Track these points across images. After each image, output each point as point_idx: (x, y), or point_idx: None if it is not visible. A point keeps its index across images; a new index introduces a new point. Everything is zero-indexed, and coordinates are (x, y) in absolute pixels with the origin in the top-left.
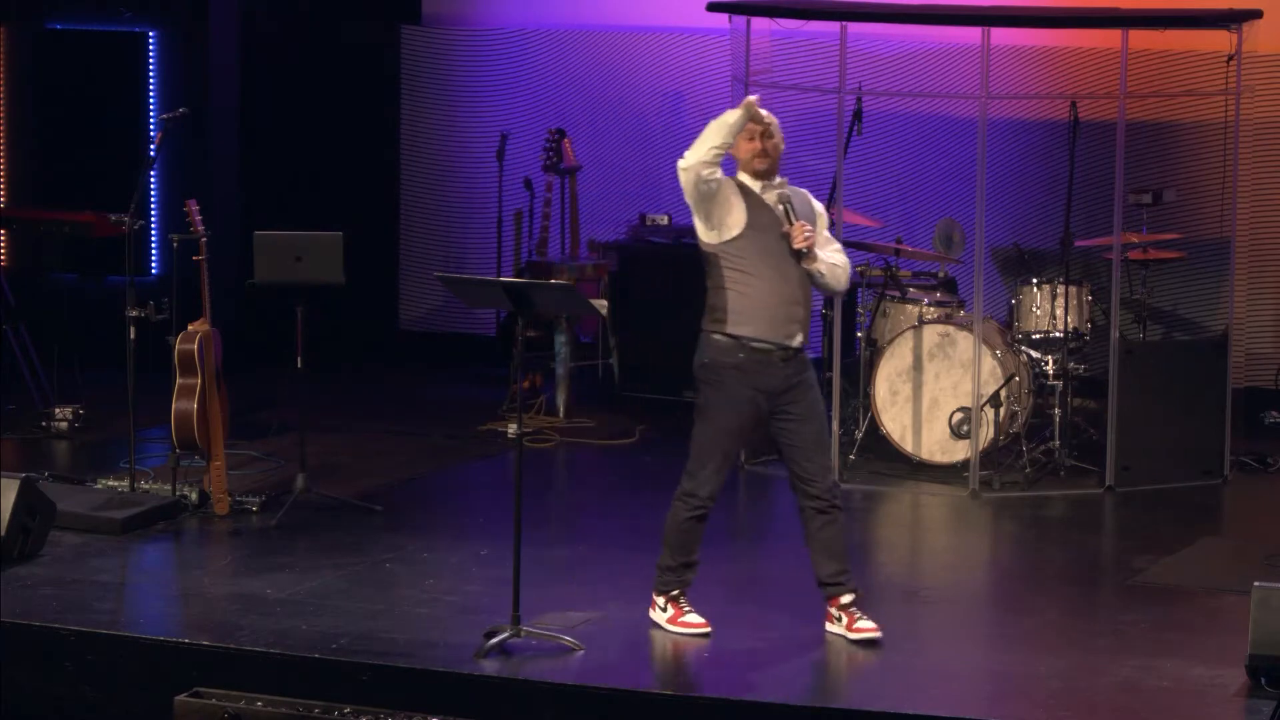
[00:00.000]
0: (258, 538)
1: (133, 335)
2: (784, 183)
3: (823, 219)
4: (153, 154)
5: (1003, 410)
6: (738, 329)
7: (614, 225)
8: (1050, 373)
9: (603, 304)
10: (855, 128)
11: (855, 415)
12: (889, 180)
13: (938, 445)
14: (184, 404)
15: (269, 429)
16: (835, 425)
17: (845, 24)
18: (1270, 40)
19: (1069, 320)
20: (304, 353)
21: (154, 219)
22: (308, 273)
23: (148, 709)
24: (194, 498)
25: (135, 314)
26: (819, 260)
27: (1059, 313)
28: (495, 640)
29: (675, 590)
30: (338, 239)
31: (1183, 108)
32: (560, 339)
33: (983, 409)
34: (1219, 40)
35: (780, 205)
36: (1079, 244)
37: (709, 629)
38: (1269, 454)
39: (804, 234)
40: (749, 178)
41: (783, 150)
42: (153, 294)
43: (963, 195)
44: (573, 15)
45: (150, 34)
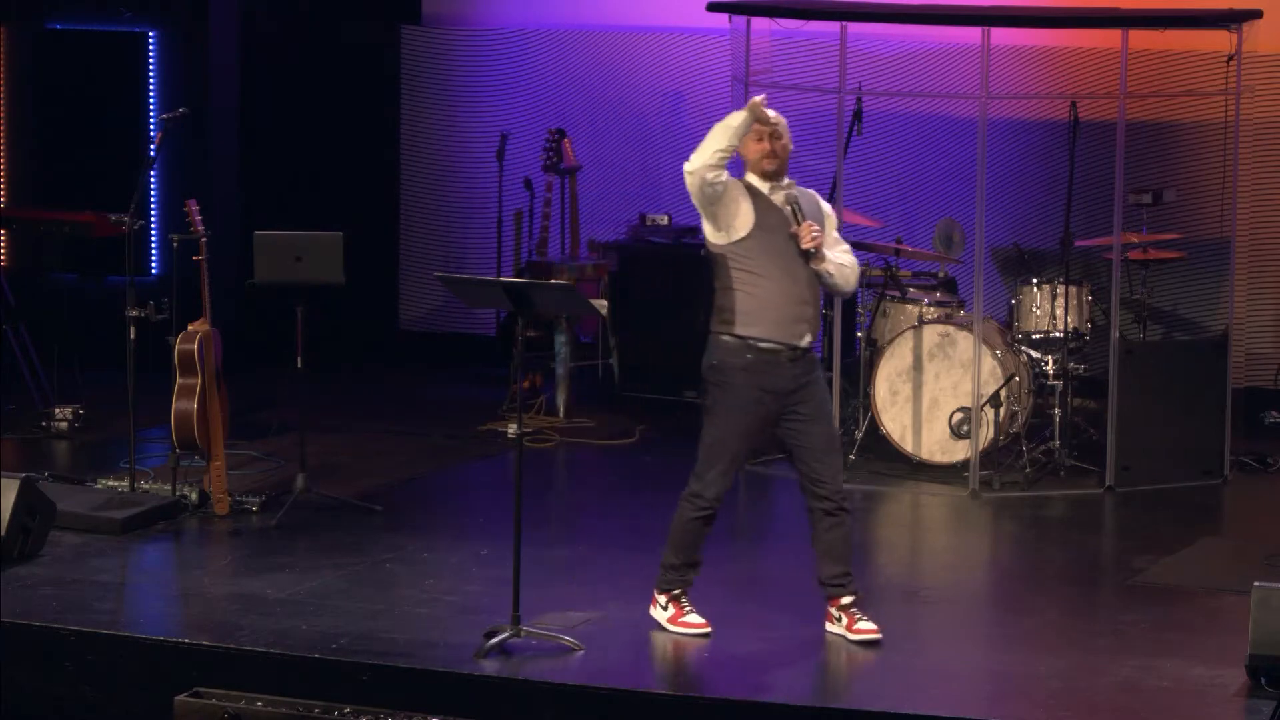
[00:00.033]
0: (258, 538)
1: (133, 335)
2: (792, 184)
3: (831, 220)
4: (153, 154)
5: (1003, 410)
6: (746, 330)
7: (614, 225)
8: (1050, 373)
9: (603, 304)
10: (855, 128)
11: (855, 415)
12: (889, 180)
13: (938, 445)
14: (184, 404)
15: (269, 429)
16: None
17: (845, 24)
18: (1270, 40)
19: (1069, 320)
20: (304, 353)
21: (154, 219)
22: (308, 273)
23: (148, 709)
24: (194, 498)
25: (135, 314)
26: (827, 260)
27: (1059, 313)
28: (495, 640)
29: (677, 590)
30: (338, 239)
31: (1183, 108)
32: (560, 339)
33: (983, 409)
34: (1219, 40)
35: (788, 206)
36: (1079, 244)
37: (709, 629)
38: (1269, 454)
39: (812, 234)
40: (757, 178)
41: (791, 151)
42: (153, 294)
43: (963, 195)
44: (573, 15)
45: (150, 34)
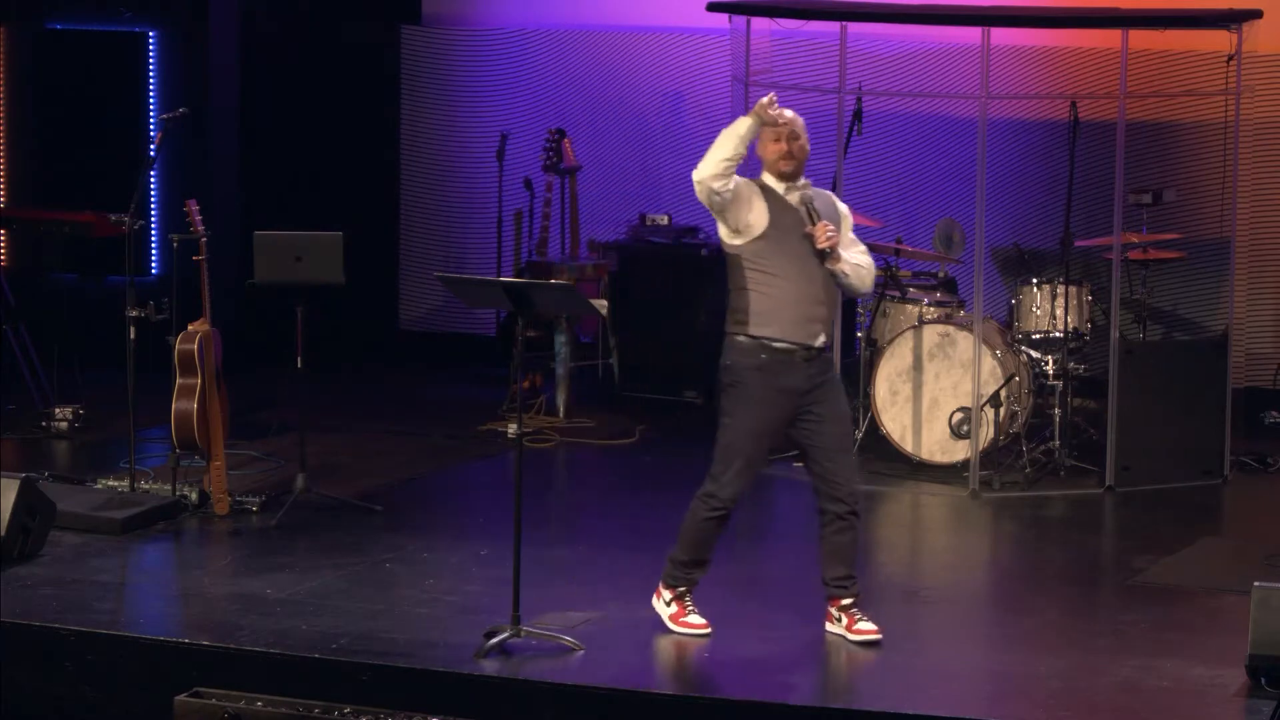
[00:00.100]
0: (258, 538)
1: (133, 335)
2: (807, 184)
3: (847, 220)
4: (153, 154)
5: (1003, 410)
6: (760, 330)
7: (614, 225)
8: (1050, 373)
9: (603, 304)
10: (855, 128)
11: (855, 415)
12: (889, 180)
13: (938, 445)
14: (184, 404)
15: (269, 429)
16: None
17: (845, 24)
18: (1270, 40)
19: (1069, 320)
20: (304, 353)
21: (154, 219)
22: (308, 273)
23: (148, 709)
24: (194, 498)
25: (135, 314)
26: (842, 261)
27: (1059, 313)
28: (495, 640)
29: (682, 587)
30: (338, 239)
31: (1183, 108)
32: (560, 339)
33: (983, 409)
34: (1219, 40)
35: (803, 206)
36: (1079, 244)
37: (709, 630)
38: (1269, 454)
39: (827, 234)
40: (773, 179)
41: (809, 152)
42: (153, 294)
43: (963, 195)
44: (573, 15)
45: (150, 34)
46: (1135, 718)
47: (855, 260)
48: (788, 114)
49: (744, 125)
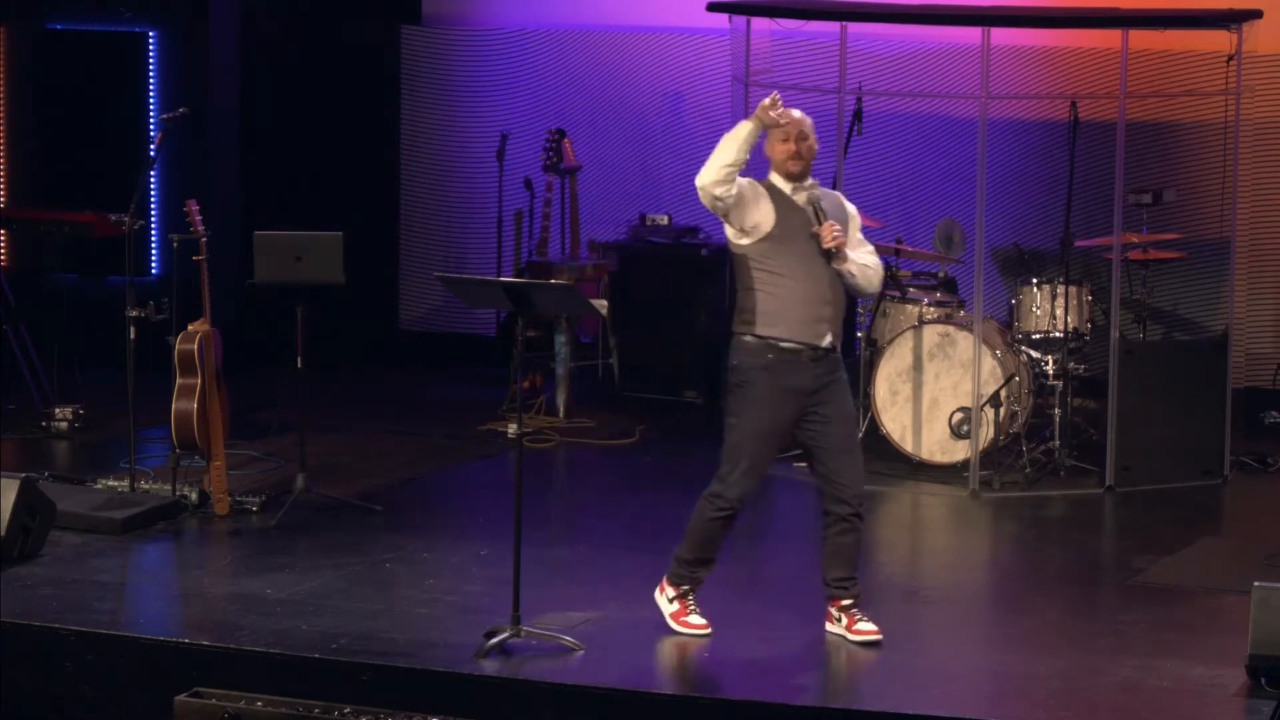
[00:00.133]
0: (258, 538)
1: (133, 335)
2: (815, 184)
3: (855, 221)
4: (153, 154)
5: (1003, 410)
6: (766, 330)
7: (614, 225)
8: (1050, 373)
9: (603, 304)
10: (855, 128)
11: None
12: (889, 180)
13: (938, 445)
14: (184, 404)
15: (269, 429)
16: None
17: (845, 24)
18: (1270, 40)
19: (1069, 320)
20: (304, 353)
21: (154, 219)
22: (308, 273)
23: (148, 709)
24: (194, 498)
25: (135, 314)
26: (849, 261)
27: (1059, 313)
28: (495, 640)
29: (686, 586)
30: (338, 239)
31: (1183, 108)
32: (560, 339)
33: (983, 409)
34: (1219, 40)
35: (810, 206)
36: (1079, 244)
37: (709, 630)
38: (1269, 454)
39: (833, 234)
40: (781, 179)
41: (816, 152)
42: (153, 294)
43: (963, 195)
44: (573, 15)
45: (150, 34)
46: (1135, 718)
47: (862, 260)
48: (795, 114)
49: (744, 130)
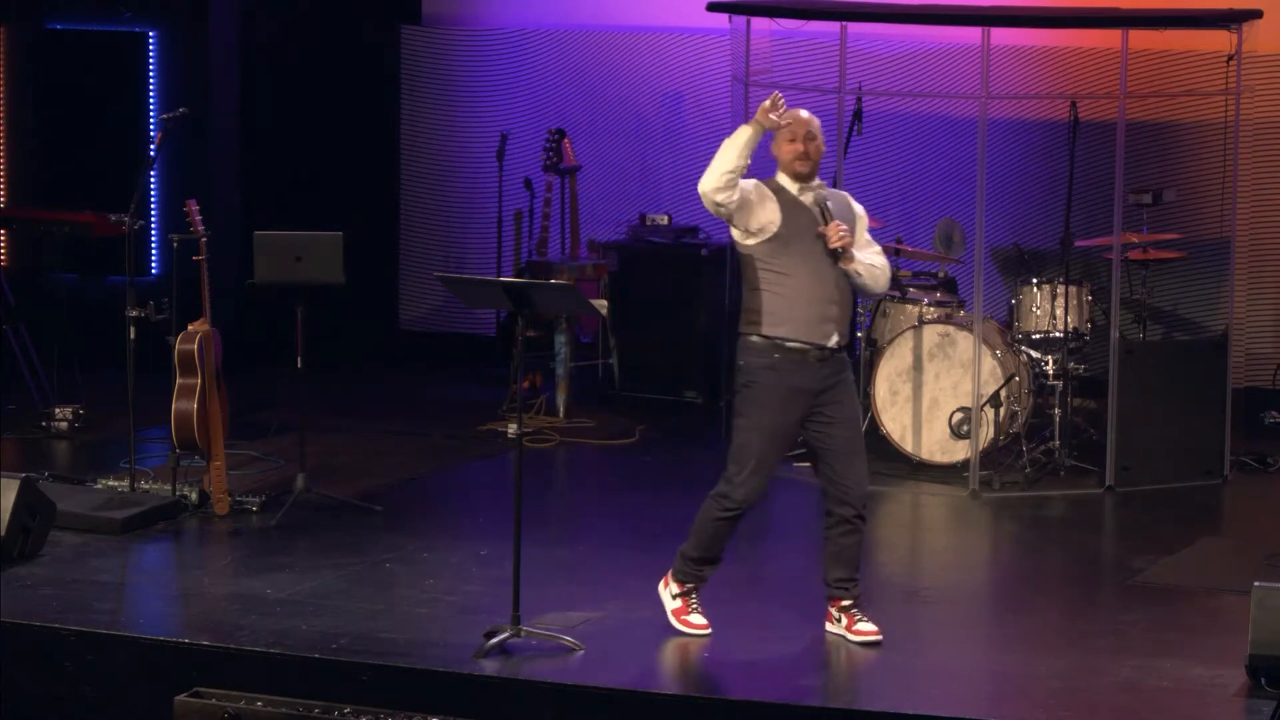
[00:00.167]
0: (258, 538)
1: (133, 335)
2: (822, 184)
3: (862, 221)
4: (153, 154)
5: (1003, 410)
6: (772, 330)
7: (614, 225)
8: (1050, 373)
9: (603, 304)
10: (855, 128)
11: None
12: (889, 180)
13: (938, 445)
14: (184, 404)
15: (269, 429)
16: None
17: (845, 24)
18: (1270, 40)
19: (1069, 320)
20: (304, 353)
21: (154, 219)
22: (308, 273)
23: (148, 709)
24: (194, 498)
25: (135, 314)
26: (856, 261)
27: (1059, 313)
28: (495, 640)
29: (690, 584)
30: (338, 239)
31: (1183, 108)
32: (560, 339)
33: (983, 409)
34: (1219, 40)
35: (816, 206)
36: (1079, 244)
37: (709, 631)
38: (1269, 454)
39: (839, 233)
40: (788, 179)
41: (824, 152)
42: (153, 294)
43: (963, 195)
44: (573, 15)
45: (150, 34)
46: (1135, 718)
47: (869, 260)
48: (803, 114)
49: (744, 135)
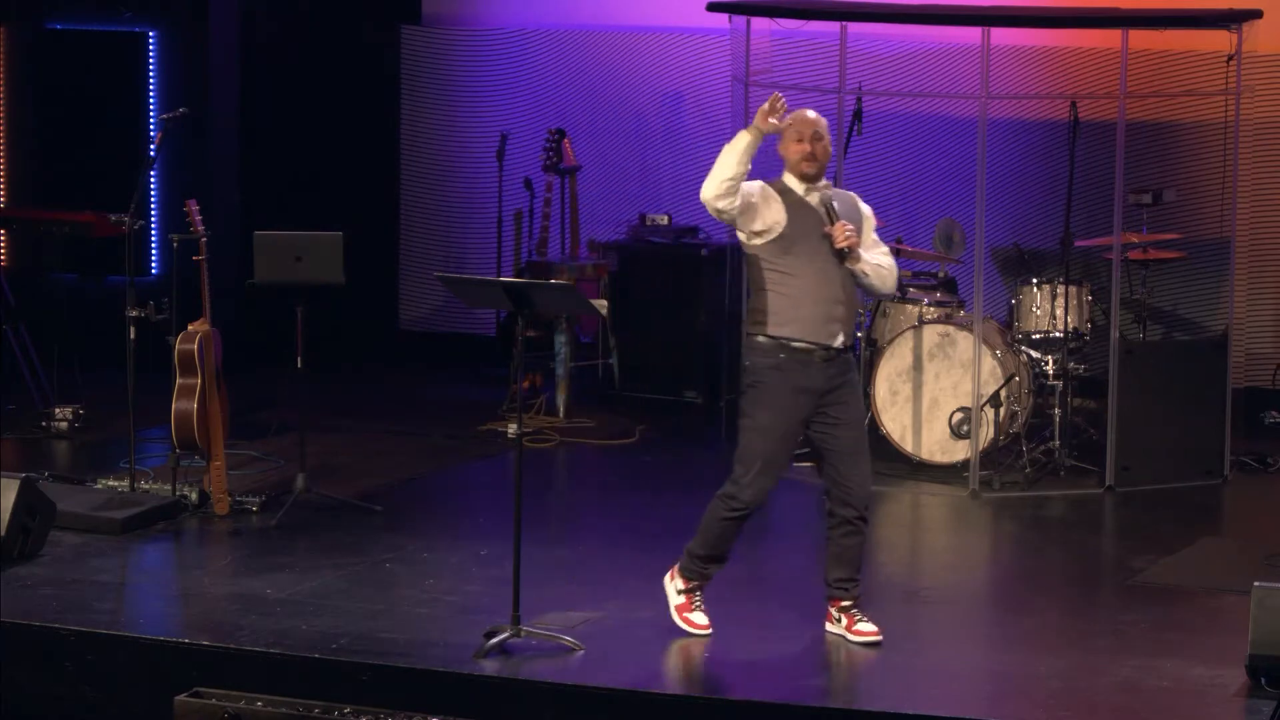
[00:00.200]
0: (258, 538)
1: (133, 335)
2: (829, 185)
3: (870, 221)
4: (153, 154)
5: (1003, 410)
6: (778, 330)
7: (614, 225)
8: (1050, 373)
9: (603, 304)
10: (855, 128)
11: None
12: (889, 180)
13: (938, 445)
14: (184, 404)
15: (269, 429)
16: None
17: (845, 24)
18: (1270, 40)
19: (1069, 320)
20: (304, 353)
21: (154, 219)
22: (308, 273)
23: (148, 709)
24: (194, 498)
25: (135, 314)
26: (862, 261)
27: (1059, 313)
28: (495, 640)
29: (695, 581)
30: (338, 239)
31: (1183, 108)
32: (560, 339)
33: (983, 409)
34: (1219, 40)
35: (822, 206)
36: (1079, 244)
37: (709, 631)
38: (1269, 454)
39: (845, 233)
40: (795, 179)
41: (831, 154)
42: (153, 294)
43: (963, 195)
44: (573, 15)
45: (150, 34)
46: (1135, 718)
47: (876, 261)
48: (810, 114)
49: (743, 141)
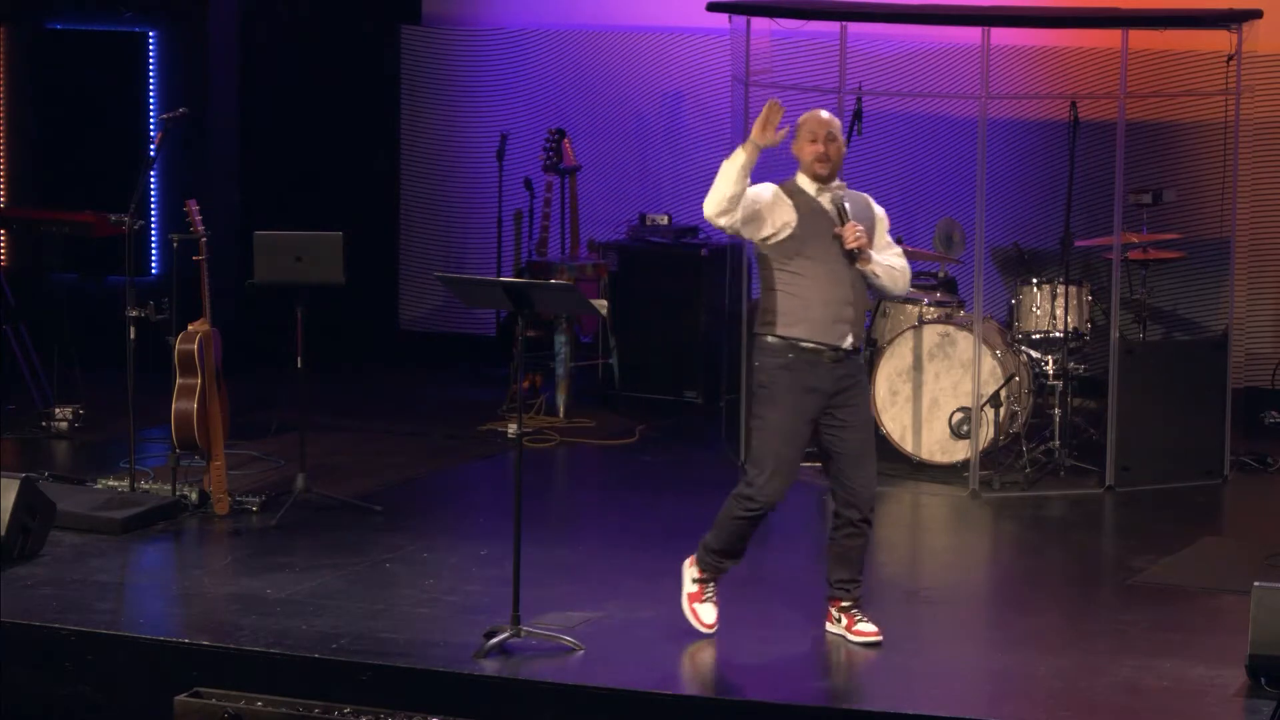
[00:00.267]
0: (258, 538)
1: (133, 335)
2: (842, 185)
3: (883, 223)
4: (153, 154)
5: (1003, 410)
6: (787, 330)
7: (614, 225)
8: (1050, 373)
9: (603, 304)
10: (855, 128)
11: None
12: (889, 180)
13: (938, 445)
14: (184, 404)
15: (269, 429)
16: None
17: (845, 24)
18: (1270, 40)
19: (1069, 320)
20: (304, 353)
21: (154, 219)
22: (308, 273)
23: (148, 709)
24: (194, 498)
25: (135, 314)
26: (873, 262)
27: (1059, 313)
28: (495, 640)
29: (709, 574)
30: (338, 239)
31: (1183, 108)
32: (560, 339)
33: (983, 409)
34: (1219, 40)
35: (833, 206)
36: (1079, 244)
37: (712, 630)
38: (1269, 454)
39: (855, 234)
40: (807, 180)
41: (845, 154)
42: (153, 294)
43: (963, 195)
44: (573, 15)
45: (150, 34)
46: (1135, 718)
47: (888, 262)
48: (824, 114)
49: (740, 159)
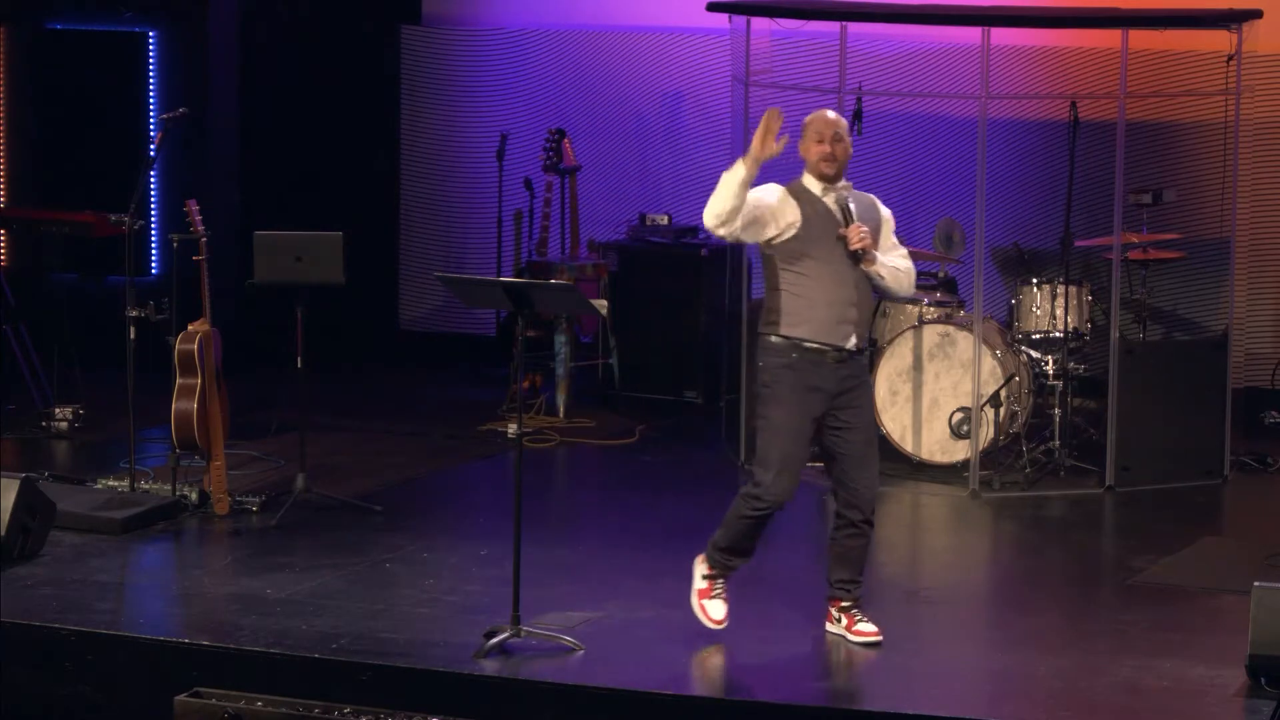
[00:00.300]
0: (258, 538)
1: (133, 335)
2: (848, 186)
3: (888, 224)
4: (153, 154)
5: (1003, 410)
6: (791, 330)
7: (614, 225)
8: (1050, 373)
9: (603, 304)
10: (855, 127)
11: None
12: (889, 180)
13: (938, 445)
14: (184, 404)
15: (269, 429)
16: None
17: (845, 24)
18: (1270, 40)
19: (1069, 320)
20: (304, 353)
21: (154, 219)
22: (308, 273)
23: (148, 709)
24: (194, 498)
25: (135, 314)
26: (877, 263)
27: (1059, 313)
28: (495, 640)
29: (717, 572)
30: (338, 239)
31: (1183, 108)
32: (560, 339)
33: (983, 409)
34: (1219, 40)
35: (838, 207)
36: (1079, 244)
37: (722, 625)
38: (1269, 454)
39: (859, 235)
40: (813, 180)
41: (851, 155)
42: (153, 294)
43: (963, 195)
44: (573, 15)
45: (150, 34)
46: (1135, 718)
47: (893, 263)
48: (830, 114)
49: (739, 175)
